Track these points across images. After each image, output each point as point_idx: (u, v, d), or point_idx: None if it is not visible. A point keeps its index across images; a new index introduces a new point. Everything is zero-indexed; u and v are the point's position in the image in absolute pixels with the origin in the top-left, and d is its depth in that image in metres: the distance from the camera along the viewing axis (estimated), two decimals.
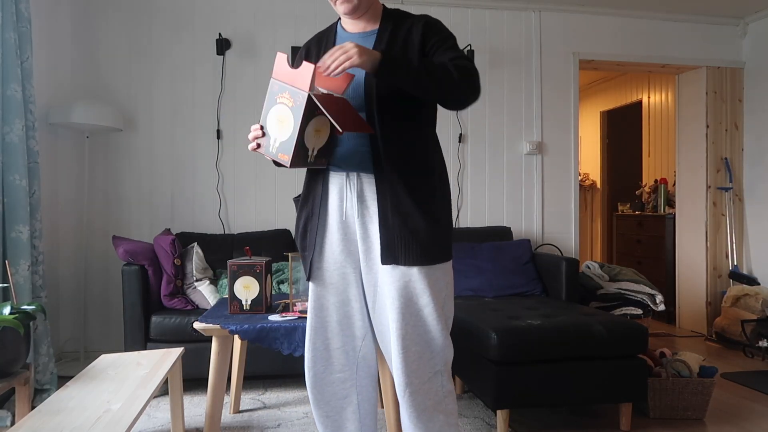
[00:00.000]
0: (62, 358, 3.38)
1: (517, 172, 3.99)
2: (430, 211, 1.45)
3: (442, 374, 1.48)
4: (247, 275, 2.06)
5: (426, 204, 1.44)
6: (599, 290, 3.38)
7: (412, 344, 1.44)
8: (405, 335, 1.43)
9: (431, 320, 1.45)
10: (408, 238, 1.42)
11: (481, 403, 2.71)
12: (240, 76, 3.66)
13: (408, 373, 1.43)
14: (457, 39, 1.52)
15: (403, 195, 1.43)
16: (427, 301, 1.44)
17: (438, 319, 1.45)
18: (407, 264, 1.42)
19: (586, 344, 2.27)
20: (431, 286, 1.45)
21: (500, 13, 3.97)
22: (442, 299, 1.48)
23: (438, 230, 1.45)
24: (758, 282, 3.95)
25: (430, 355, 1.46)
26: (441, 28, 1.51)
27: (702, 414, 2.50)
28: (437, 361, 1.47)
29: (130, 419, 1.44)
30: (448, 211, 1.52)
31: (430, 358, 1.46)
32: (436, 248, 1.44)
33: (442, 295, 1.47)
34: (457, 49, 1.47)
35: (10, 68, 2.52)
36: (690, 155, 4.38)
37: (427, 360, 1.46)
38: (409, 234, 1.42)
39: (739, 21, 4.25)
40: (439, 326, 1.45)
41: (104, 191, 3.50)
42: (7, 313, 1.84)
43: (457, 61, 1.41)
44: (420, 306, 1.45)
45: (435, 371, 1.47)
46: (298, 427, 2.42)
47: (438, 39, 1.48)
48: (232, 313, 2.09)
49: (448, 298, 1.50)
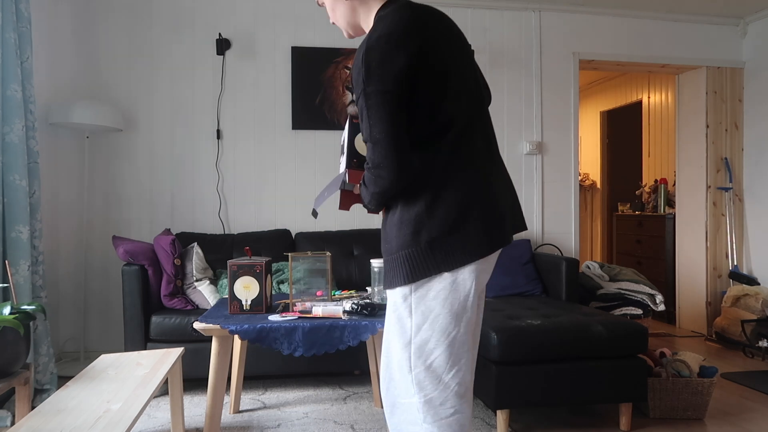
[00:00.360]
0: (62, 358, 3.38)
1: (517, 172, 3.99)
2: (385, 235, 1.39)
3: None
4: (247, 275, 2.06)
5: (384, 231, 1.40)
6: (599, 290, 3.38)
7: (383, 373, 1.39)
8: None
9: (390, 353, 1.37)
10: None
11: (481, 403, 2.71)
12: (240, 76, 3.66)
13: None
14: (371, 78, 1.22)
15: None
16: (387, 328, 1.37)
17: (396, 356, 1.34)
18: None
19: (586, 344, 2.27)
20: (390, 311, 1.36)
21: (500, 13, 3.97)
22: (409, 331, 1.31)
23: (388, 254, 1.35)
24: (758, 282, 3.95)
25: (389, 395, 1.37)
26: (357, 78, 1.26)
27: (702, 414, 2.50)
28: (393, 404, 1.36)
29: (130, 419, 1.44)
30: (405, 231, 1.31)
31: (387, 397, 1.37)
32: (387, 272, 1.35)
33: (406, 325, 1.31)
34: (367, 110, 1.25)
35: (10, 68, 2.52)
36: (690, 155, 4.38)
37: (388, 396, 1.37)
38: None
39: (739, 21, 4.25)
40: (397, 365, 1.33)
41: (104, 191, 3.50)
42: (7, 313, 1.84)
43: (369, 152, 1.28)
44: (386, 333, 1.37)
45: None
46: (298, 427, 2.42)
47: (355, 99, 1.30)
48: (232, 313, 2.08)
49: (425, 332, 1.29)
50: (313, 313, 2.02)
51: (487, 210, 1.31)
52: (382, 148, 1.23)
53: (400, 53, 1.23)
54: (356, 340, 1.91)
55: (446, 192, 1.29)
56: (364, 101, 1.24)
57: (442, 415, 1.30)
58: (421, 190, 1.30)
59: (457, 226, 1.28)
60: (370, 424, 2.44)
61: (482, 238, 1.29)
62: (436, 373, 1.30)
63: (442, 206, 1.28)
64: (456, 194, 1.29)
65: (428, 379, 1.30)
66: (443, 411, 1.31)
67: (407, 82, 1.24)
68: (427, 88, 1.27)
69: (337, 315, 1.99)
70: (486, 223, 1.30)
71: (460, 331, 1.31)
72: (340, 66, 3.74)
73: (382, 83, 1.22)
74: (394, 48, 1.23)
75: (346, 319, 1.94)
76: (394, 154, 1.23)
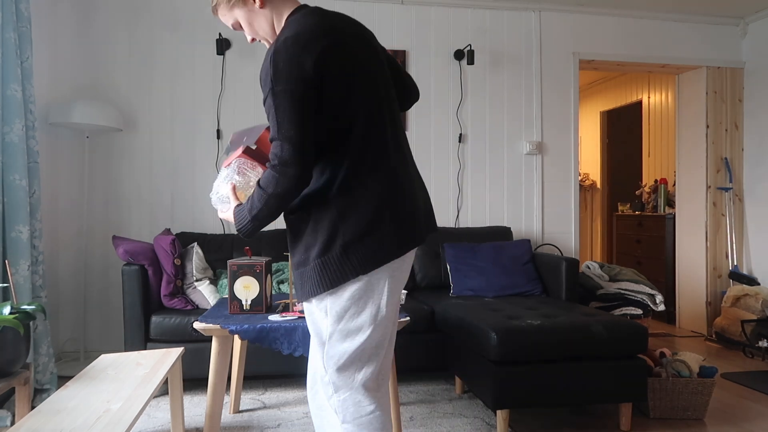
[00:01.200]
0: (62, 358, 3.38)
1: (517, 172, 3.99)
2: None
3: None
4: (247, 275, 2.06)
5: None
6: (599, 290, 3.38)
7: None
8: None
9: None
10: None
11: (481, 403, 2.71)
12: (240, 76, 3.66)
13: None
14: (279, 78, 1.24)
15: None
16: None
17: (316, 360, 1.41)
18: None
19: (586, 344, 2.27)
20: (307, 315, 1.43)
21: (500, 13, 3.97)
22: (324, 332, 1.36)
23: (302, 265, 1.37)
24: (758, 282, 3.95)
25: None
26: (265, 79, 1.27)
27: (702, 414, 2.50)
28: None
29: (130, 419, 1.44)
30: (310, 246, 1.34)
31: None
32: (305, 282, 1.37)
33: (321, 327, 1.36)
34: (275, 109, 1.26)
35: (10, 68, 2.52)
36: (690, 155, 4.38)
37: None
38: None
39: (739, 21, 4.25)
40: (318, 369, 1.40)
41: (104, 191, 3.50)
42: (7, 313, 1.84)
43: (271, 155, 1.28)
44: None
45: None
46: (298, 427, 2.42)
47: (263, 99, 1.31)
48: (232, 313, 2.08)
49: (338, 333, 1.34)
50: None
51: (399, 211, 1.33)
52: (292, 144, 1.24)
53: (305, 54, 1.25)
54: None
55: (358, 196, 1.30)
56: (272, 100, 1.25)
57: (359, 413, 1.34)
58: (333, 195, 1.31)
59: (370, 229, 1.29)
60: None
61: (395, 239, 1.31)
62: (348, 373, 1.34)
63: (354, 210, 1.30)
64: (368, 197, 1.31)
65: (341, 379, 1.34)
66: (360, 410, 1.34)
67: (313, 83, 1.26)
68: (332, 89, 1.29)
69: None
70: (399, 224, 1.32)
71: (375, 330, 1.34)
72: None
73: (289, 83, 1.24)
74: (301, 49, 1.25)
75: None
76: (302, 153, 1.25)
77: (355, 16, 3.79)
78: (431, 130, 3.88)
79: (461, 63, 3.90)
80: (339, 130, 1.31)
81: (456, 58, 3.89)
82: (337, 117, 1.30)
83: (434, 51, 3.87)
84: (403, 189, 1.36)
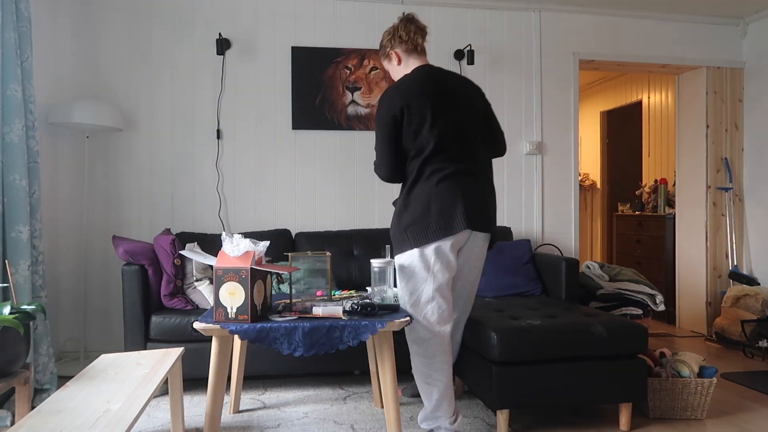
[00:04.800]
0: (62, 358, 3.38)
1: (517, 172, 3.99)
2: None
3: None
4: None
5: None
6: (599, 290, 3.38)
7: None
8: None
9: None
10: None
11: (481, 403, 2.71)
12: (240, 76, 3.66)
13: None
14: (379, 112, 2.19)
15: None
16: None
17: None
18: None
19: (586, 344, 2.27)
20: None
21: (500, 13, 3.97)
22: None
23: (395, 233, 2.19)
24: (758, 282, 3.95)
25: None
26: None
27: (702, 414, 2.50)
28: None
29: (130, 419, 1.44)
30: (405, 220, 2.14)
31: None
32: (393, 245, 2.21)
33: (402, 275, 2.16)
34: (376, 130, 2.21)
35: (10, 68, 2.52)
36: (690, 155, 4.38)
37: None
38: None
39: (739, 21, 4.25)
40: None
41: (104, 191, 3.50)
42: (7, 312, 1.84)
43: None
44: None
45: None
46: (298, 427, 2.42)
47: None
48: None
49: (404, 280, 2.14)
50: (313, 313, 2.01)
51: (442, 209, 2.07)
52: (378, 156, 2.21)
53: (395, 101, 2.11)
54: (356, 340, 1.91)
55: (414, 196, 2.12)
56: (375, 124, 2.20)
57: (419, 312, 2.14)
58: (402, 194, 2.18)
59: (419, 219, 2.08)
60: (370, 424, 2.44)
61: (437, 228, 2.06)
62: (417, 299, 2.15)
63: (411, 205, 2.12)
64: (419, 198, 2.10)
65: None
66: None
67: (398, 120, 2.11)
68: (408, 125, 2.09)
69: (337, 315, 1.99)
70: (442, 217, 2.06)
71: (428, 282, 2.10)
72: (340, 66, 3.74)
73: (383, 117, 2.14)
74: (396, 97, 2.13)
75: (346, 319, 1.94)
76: (386, 162, 2.19)
77: (355, 15, 3.79)
78: None
79: (461, 63, 3.90)
80: (412, 150, 2.14)
81: (456, 58, 3.89)
82: (411, 141, 2.13)
83: (434, 51, 3.87)
84: (449, 194, 2.07)
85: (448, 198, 2.05)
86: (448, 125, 2.09)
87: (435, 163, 2.08)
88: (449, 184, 2.06)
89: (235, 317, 1.92)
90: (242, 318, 1.92)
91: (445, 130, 2.09)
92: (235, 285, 1.91)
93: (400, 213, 2.13)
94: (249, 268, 1.91)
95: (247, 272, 1.90)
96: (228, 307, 1.92)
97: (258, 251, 1.97)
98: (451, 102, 2.13)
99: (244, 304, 1.90)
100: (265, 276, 2.04)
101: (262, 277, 1.98)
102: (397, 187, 3.67)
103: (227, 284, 1.91)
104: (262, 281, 1.99)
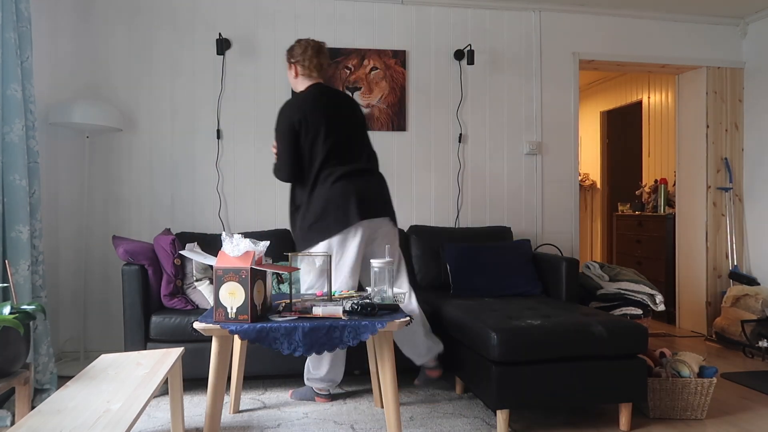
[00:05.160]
0: (62, 358, 3.38)
1: (517, 172, 3.99)
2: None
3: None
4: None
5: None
6: (599, 290, 3.38)
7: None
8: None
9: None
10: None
11: (481, 403, 2.71)
12: (240, 76, 3.66)
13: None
14: (279, 124, 2.61)
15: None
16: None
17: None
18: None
19: (586, 344, 2.27)
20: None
21: (500, 13, 3.97)
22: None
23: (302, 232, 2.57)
24: (758, 282, 3.95)
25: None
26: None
27: (702, 414, 2.50)
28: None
29: (130, 419, 1.44)
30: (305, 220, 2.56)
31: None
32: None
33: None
34: (276, 140, 2.63)
35: (10, 68, 2.52)
36: (690, 155, 4.38)
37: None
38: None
39: (739, 21, 4.25)
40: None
41: (104, 191, 3.50)
42: (7, 313, 1.84)
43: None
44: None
45: None
46: (298, 427, 2.42)
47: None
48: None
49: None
50: (313, 313, 2.02)
51: (338, 206, 2.46)
52: (279, 161, 2.60)
53: (294, 113, 2.54)
54: (356, 340, 1.91)
55: (314, 198, 2.52)
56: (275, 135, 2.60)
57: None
58: (305, 197, 2.56)
59: (321, 216, 2.48)
60: (370, 424, 2.44)
61: (336, 222, 2.46)
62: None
63: (312, 206, 2.51)
64: (319, 199, 2.50)
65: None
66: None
67: (296, 130, 2.53)
68: (306, 135, 2.51)
69: (337, 315, 1.99)
70: (339, 213, 2.46)
71: (338, 263, 2.52)
72: (340, 66, 3.74)
73: (283, 128, 2.56)
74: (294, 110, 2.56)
75: (346, 319, 1.94)
76: (287, 167, 2.59)
77: (355, 15, 3.79)
78: (431, 130, 3.88)
79: (461, 63, 3.91)
80: (307, 157, 2.55)
81: (456, 58, 3.89)
82: (306, 152, 2.55)
83: (434, 51, 3.87)
84: (340, 195, 2.47)
85: (342, 196, 2.45)
86: (339, 134, 2.53)
87: (329, 167, 2.50)
88: (343, 183, 2.46)
89: (235, 317, 1.92)
90: (242, 318, 1.92)
91: (338, 138, 2.52)
92: (235, 285, 1.91)
93: (304, 214, 2.53)
94: (249, 268, 1.91)
95: (247, 272, 1.90)
96: (228, 307, 1.92)
97: (258, 251, 1.97)
98: (340, 114, 2.57)
99: (244, 304, 1.90)
100: (265, 276, 2.04)
101: (262, 277, 1.98)
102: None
103: (227, 284, 1.91)
104: (262, 281, 1.99)
